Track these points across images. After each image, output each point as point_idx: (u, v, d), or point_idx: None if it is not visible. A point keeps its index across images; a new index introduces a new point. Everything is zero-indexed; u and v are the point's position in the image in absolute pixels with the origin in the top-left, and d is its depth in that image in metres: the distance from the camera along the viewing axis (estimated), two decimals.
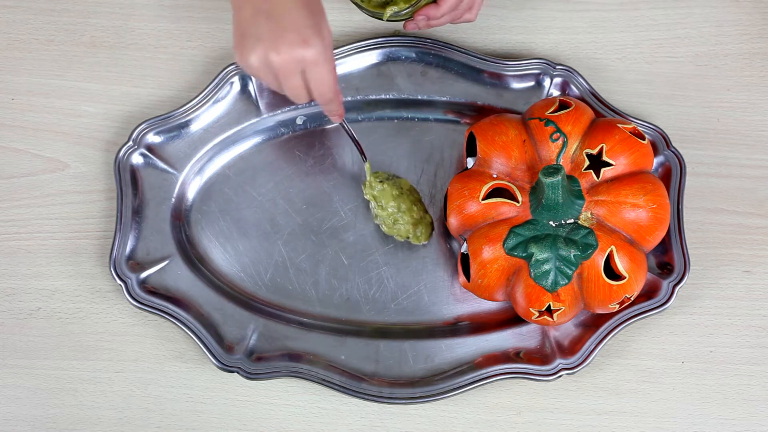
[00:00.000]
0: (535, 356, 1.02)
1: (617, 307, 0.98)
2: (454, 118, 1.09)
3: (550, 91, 1.08)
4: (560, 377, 1.02)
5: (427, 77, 1.09)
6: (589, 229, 0.95)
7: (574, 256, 0.95)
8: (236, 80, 1.07)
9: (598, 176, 0.96)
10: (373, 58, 1.09)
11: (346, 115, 1.08)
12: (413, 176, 1.08)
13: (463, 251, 1.00)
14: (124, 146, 1.06)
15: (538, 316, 0.97)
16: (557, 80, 1.08)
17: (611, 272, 0.96)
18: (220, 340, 1.03)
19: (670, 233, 1.04)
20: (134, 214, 1.05)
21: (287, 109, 1.08)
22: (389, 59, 1.09)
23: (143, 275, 1.04)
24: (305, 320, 1.05)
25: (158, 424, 1.03)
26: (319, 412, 1.03)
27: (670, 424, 1.03)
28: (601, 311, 0.99)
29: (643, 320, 1.04)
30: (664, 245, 1.04)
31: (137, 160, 1.06)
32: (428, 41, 1.08)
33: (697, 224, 1.07)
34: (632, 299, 0.98)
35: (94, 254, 1.06)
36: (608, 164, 0.97)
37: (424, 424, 1.03)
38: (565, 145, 0.97)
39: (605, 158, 0.97)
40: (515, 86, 1.09)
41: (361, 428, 1.03)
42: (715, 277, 1.06)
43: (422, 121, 1.09)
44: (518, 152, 0.98)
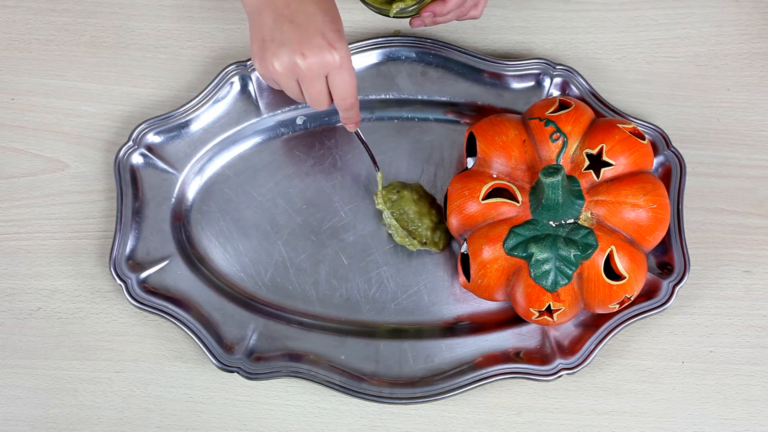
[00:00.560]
0: (535, 356, 1.02)
1: (617, 307, 0.98)
2: (454, 118, 1.09)
3: (550, 91, 1.08)
4: (560, 377, 1.02)
5: (427, 77, 1.09)
6: (589, 229, 0.95)
7: (574, 256, 0.95)
8: (236, 80, 1.07)
9: (598, 176, 0.96)
10: (373, 58, 1.09)
11: None
12: (413, 176, 1.08)
13: (463, 251, 1.00)
14: (124, 146, 1.06)
15: (538, 316, 0.97)
16: (557, 80, 1.08)
17: (611, 272, 0.96)
18: (220, 340, 1.03)
19: (670, 233, 1.04)
20: (134, 214, 1.05)
21: (287, 109, 1.08)
22: (389, 59, 1.09)
23: (143, 275, 1.04)
24: (305, 320, 1.05)
25: (158, 424, 1.03)
26: (319, 412, 1.03)
27: (670, 424, 1.03)
28: (601, 311, 0.99)
29: (643, 320, 1.04)
30: (664, 245, 1.04)
31: (137, 160, 1.06)
32: (428, 41, 1.08)
33: (697, 224, 1.07)
34: (632, 299, 0.98)
35: (94, 254, 1.06)
36: (608, 164, 0.97)
37: (424, 424, 1.03)
38: (565, 145, 0.97)
39: (605, 158, 0.97)
40: (515, 86, 1.09)
41: (361, 428, 1.03)
42: (715, 277, 1.06)
43: (422, 121, 1.09)
44: (518, 152, 0.98)
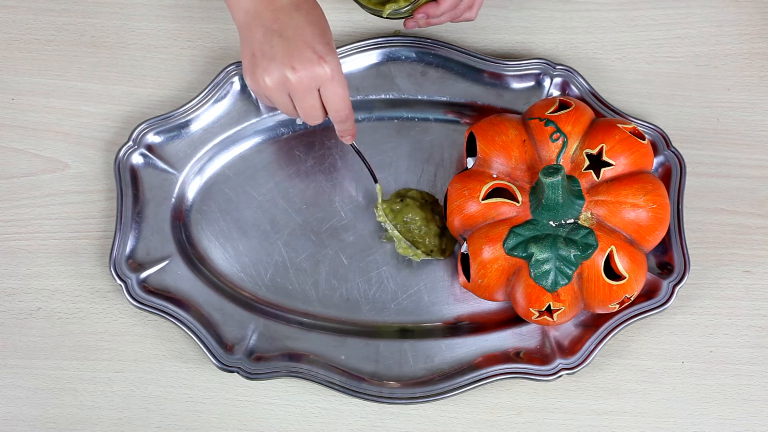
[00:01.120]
0: (535, 356, 1.02)
1: (617, 307, 0.98)
2: (454, 118, 1.09)
3: (550, 91, 1.08)
4: (560, 377, 1.02)
5: (427, 77, 1.09)
6: (589, 229, 0.95)
7: (574, 256, 0.95)
8: (236, 80, 1.07)
9: (598, 176, 0.96)
10: (373, 58, 1.09)
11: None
12: (413, 176, 1.08)
13: (463, 251, 1.00)
14: (124, 146, 1.06)
15: (538, 316, 0.97)
16: (557, 80, 1.08)
17: (611, 272, 0.96)
18: (220, 340, 1.03)
19: (670, 233, 1.04)
20: (134, 214, 1.05)
21: None
22: (389, 59, 1.09)
23: (143, 275, 1.04)
24: (305, 320, 1.05)
25: (158, 424, 1.03)
26: (319, 412, 1.03)
27: (670, 424, 1.03)
28: (601, 311, 0.99)
29: (643, 320, 1.04)
30: (664, 245, 1.04)
31: (137, 160, 1.06)
32: (428, 41, 1.08)
33: (697, 224, 1.07)
34: (632, 299, 0.98)
35: (94, 254, 1.06)
36: (608, 164, 0.97)
37: (424, 424, 1.03)
38: (565, 145, 0.97)
39: (605, 158, 0.97)
40: (515, 86, 1.09)
41: (361, 428, 1.03)
42: (715, 277, 1.06)
43: (422, 121, 1.09)
44: (518, 152, 0.98)
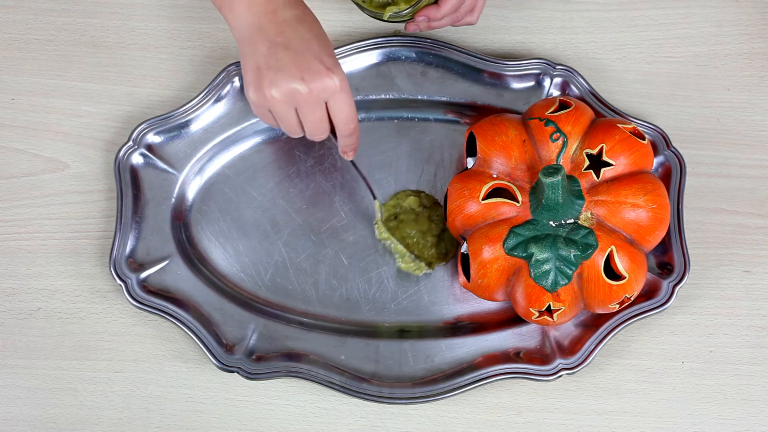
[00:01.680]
0: (535, 356, 1.02)
1: (617, 307, 0.98)
2: (454, 118, 1.09)
3: (550, 91, 1.08)
4: (560, 377, 1.02)
5: (427, 77, 1.09)
6: (589, 229, 0.95)
7: (574, 256, 0.95)
8: (236, 80, 1.07)
9: (598, 176, 0.96)
10: (373, 58, 1.09)
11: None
12: (413, 176, 1.08)
13: (463, 251, 1.00)
14: (124, 146, 1.06)
15: (538, 316, 0.97)
16: (557, 80, 1.08)
17: (611, 272, 0.96)
18: (220, 340, 1.03)
19: (670, 233, 1.04)
20: (134, 214, 1.05)
21: None
22: (389, 59, 1.09)
23: (143, 275, 1.04)
24: (305, 320, 1.05)
25: (158, 424, 1.03)
26: (319, 412, 1.03)
27: (670, 424, 1.03)
28: (601, 311, 0.99)
29: (643, 320, 1.04)
30: (664, 245, 1.04)
31: (137, 160, 1.06)
32: (428, 41, 1.08)
33: (697, 224, 1.07)
34: (632, 299, 0.98)
35: (94, 254, 1.06)
36: (608, 164, 0.97)
37: (424, 424, 1.03)
38: (565, 145, 0.97)
39: (605, 158, 0.97)
40: (515, 86, 1.09)
41: (361, 428, 1.03)
42: (715, 277, 1.06)
43: (422, 121, 1.09)
44: (518, 152, 0.98)
